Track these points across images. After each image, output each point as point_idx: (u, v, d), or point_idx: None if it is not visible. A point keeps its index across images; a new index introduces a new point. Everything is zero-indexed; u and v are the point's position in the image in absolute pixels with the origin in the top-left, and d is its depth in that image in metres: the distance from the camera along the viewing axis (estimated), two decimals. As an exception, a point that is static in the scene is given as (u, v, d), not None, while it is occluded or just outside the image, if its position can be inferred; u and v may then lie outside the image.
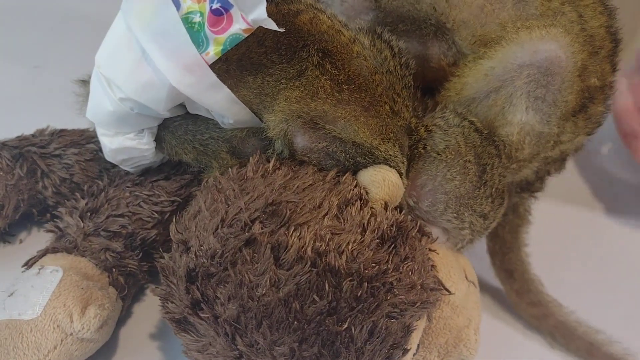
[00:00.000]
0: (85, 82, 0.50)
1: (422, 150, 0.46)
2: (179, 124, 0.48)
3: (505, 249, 0.56)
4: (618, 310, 0.58)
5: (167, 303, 0.40)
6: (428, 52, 0.48)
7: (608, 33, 0.47)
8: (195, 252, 0.38)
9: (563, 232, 0.66)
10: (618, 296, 0.60)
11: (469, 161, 0.46)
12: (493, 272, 0.58)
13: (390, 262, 0.39)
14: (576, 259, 0.64)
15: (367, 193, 0.42)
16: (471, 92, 0.47)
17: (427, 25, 0.47)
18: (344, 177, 0.43)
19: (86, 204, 0.50)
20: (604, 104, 0.49)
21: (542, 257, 0.58)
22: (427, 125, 0.47)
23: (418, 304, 0.39)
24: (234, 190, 0.41)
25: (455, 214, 0.46)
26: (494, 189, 0.47)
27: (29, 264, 0.46)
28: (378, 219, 0.40)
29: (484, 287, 0.57)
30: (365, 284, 0.37)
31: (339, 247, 0.37)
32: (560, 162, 0.53)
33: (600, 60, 0.46)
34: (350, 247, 0.38)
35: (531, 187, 0.54)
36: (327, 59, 0.43)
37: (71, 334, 0.41)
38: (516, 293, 0.55)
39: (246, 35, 0.40)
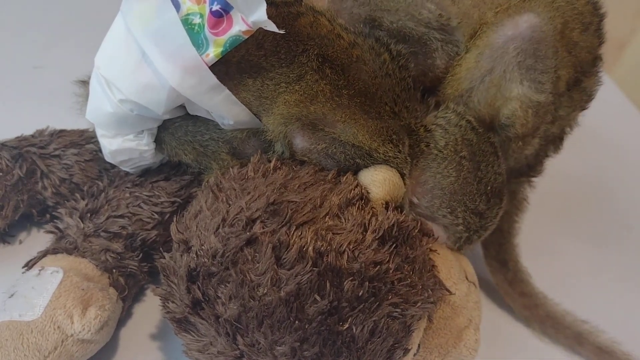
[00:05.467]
0: (85, 83, 0.50)
1: (424, 148, 0.47)
2: (178, 125, 0.48)
3: (501, 239, 0.57)
4: (603, 301, 0.59)
5: (168, 303, 0.40)
6: (436, 62, 0.49)
7: (594, 8, 0.48)
8: (196, 252, 0.38)
9: (547, 221, 0.67)
10: (604, 288, 0.61)
11: (464, 157, 0.47)
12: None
13: (391, 262, 0.39)
14: (560, 250, 0.65)
15: (368, 193, 0.42)
16: (466, 83, 0.48)
17: (433, 41, 0.49)
18: (345, 177, 0.43)
19: (86, 204, 0.50)
20: (596, 77, 0.50)
21: (526, 248, 0.59)
22: (426, 125, 0.48)
23: (419, 303, 0.39)
24: (235, 189, 0.41)
25: (449, 209, 0.47)
26: (489, 187, 0.48)
27: (29, 265, 0.46)
28: (379, 219, 0.40)
29: (484, 288, 0.57)
30: (367, 283, 0.37)
31: (340, 247, 0.38)
32: (559, 141, 0.54)
33: (590, 35, 0.48)
34: (351, 246, 0.38)
35: (531, 170, 0.55)
36: (326, 64, 0.43)
37: (72, 335, 0.41)
38: (509, 283, 0.56)
39: (246, 37, 0.40)
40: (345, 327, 0.36)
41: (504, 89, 0.47)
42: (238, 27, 0.40)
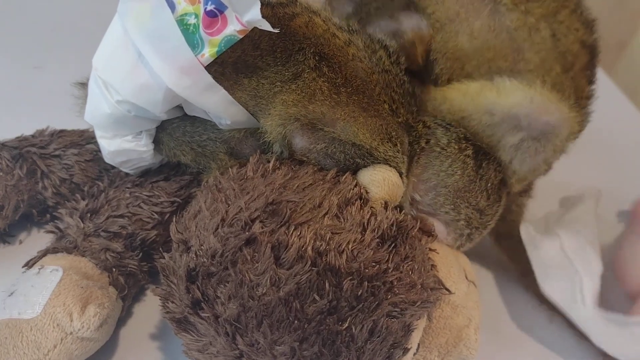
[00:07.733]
0: (83, 85, 0.50)
1: (424, 145, 0.47)
2: (176, 126, 0.48)
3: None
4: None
5: (168, 303, 0.40)
6: (402, 27, 0.48)
7: (583, 47, 0.48)
8: (196, 252, 0.38)
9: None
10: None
11: (468, 155, 0.47)
12: (492, 271, 0.58)
13: (390, 261, 0.39)
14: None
15: (367, 192, 0.42)
16: (460, 111, 0.48)
17: None
18: (344, 176, 0.43)
19: (86, 204, 0.50)
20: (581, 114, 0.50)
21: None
22: (425, 121, 0.48)
23: (418, 303, 0.39)
24: (234, 189, 0.41)
25: (452, 206, 0.47)
26: (489, 184, 0.48)
27: (29, 264, 0.46)
28: (378, 219, 0.40)
29: (484, 287, 0.57)
30: (366, 283, 0.37)
31: (339, 247, 0.38)
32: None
33: (575, 74, 0.48)
34: (350, 246, 0.38)
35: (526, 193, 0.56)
36: (323, 62, 0.43)
37: (71, 333, 0.41)
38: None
39: (241, 36, 0.40)
40: (344, 327, 0.36)
41: (502, 152, 0.48)
42: (232, 26, 0.40)
